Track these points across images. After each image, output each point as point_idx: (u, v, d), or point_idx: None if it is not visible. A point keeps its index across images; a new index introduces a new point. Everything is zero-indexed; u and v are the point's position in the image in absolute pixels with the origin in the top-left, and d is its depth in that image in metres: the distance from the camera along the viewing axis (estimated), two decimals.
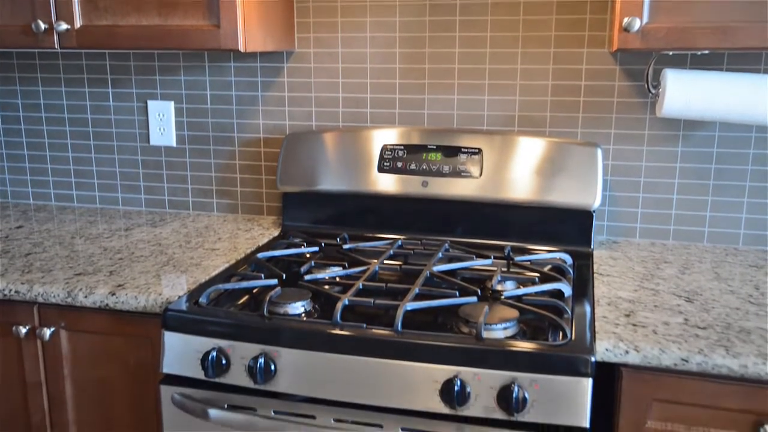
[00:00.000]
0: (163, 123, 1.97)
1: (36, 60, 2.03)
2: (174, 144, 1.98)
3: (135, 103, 1.99)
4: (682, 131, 1.65)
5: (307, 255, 1.60)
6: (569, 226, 1.61)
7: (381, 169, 1.70)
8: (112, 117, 2.01)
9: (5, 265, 1.50)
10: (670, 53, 1.60)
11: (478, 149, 1.66)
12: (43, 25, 1.59)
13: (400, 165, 1.70)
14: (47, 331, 1.39)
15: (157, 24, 1.55)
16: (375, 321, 1.24)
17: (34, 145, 2.10)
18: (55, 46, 1.61)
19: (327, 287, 1.38)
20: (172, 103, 1.95)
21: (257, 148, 1.92)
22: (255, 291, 1.41)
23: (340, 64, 1.82)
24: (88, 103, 2.02)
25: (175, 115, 1.96)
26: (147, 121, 1.99)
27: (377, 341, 1.13)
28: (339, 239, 1.71)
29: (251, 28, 1.55)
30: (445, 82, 1.76)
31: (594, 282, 1.42)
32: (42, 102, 2.06)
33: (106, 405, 1.42)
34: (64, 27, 1.58)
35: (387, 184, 1.70)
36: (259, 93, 1.89)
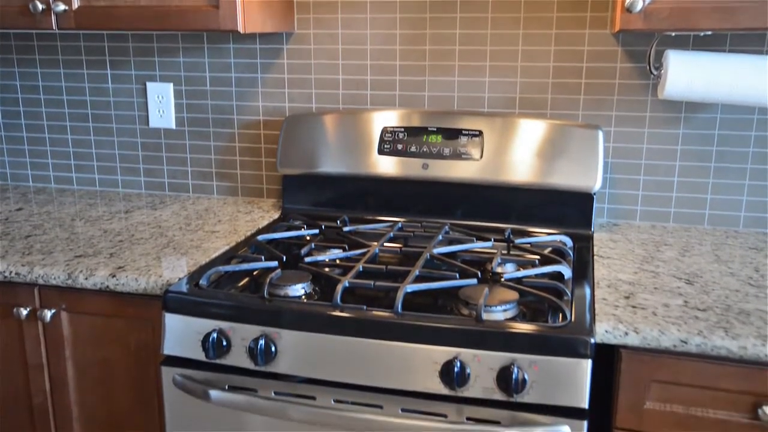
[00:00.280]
0: (162, 105, 1.96)
1: (34, 41, 2.02)
2: (173, 126, 1.97)
3: (134, 85, 1.98)
4: (684, 113, 1.65)
5: (308, 237, 1.60)
6: (570, 209, 1.61)
7: (381, 152, 1.70)
8: (111, 99, 2.00)
9: (5, 247, 1.50)
10: (673, 34, 1.59)
11: (479, 131, 1.65)
12: (40, 6, 1.57)
13: (400, 147, 1.69)
14: (48, 313, 1.39)
15: (156, 4, 1.53)
16: (375, 303, 1.24)
17: (33, 128, 2.09)
18: (53, 27, 1.60)
19: (327, 269, 1.38)
20: (171, 85, 1.94)
21: (257, 130, 1.92)
22: (255, 273, 1.42)
23: (340, 46, 1.80)
24: (86, 85, 2.01)
25: (175, 97, 1.96)
26: (146, 104, 1.98)
27: (377, 323, 1.14)
28: (339, 222, 1.71)
29: (250, 9, 1.54)
30: (445, 63, 1.75)
31: (594, 264, 1.42)
32: (40, 84, 2.05)
33: (108, 386, 1.43)
34: (62, 7, 1.57)
35: (387, 166, 1.69)
36: (259, 75, 1.88)
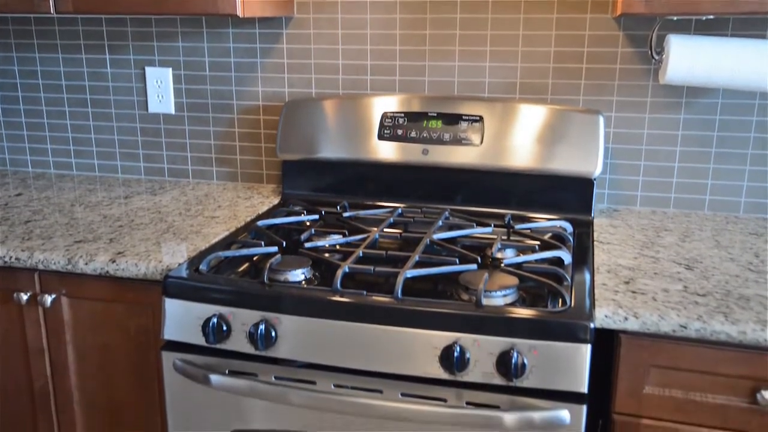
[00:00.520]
0: (161, 90, 1.95)
1: (32, 26, 2.00)
2: (173, 111, 1.97)
3: (132, 70, 1.97)
4: (685, 98, 1.64)
5: (307, 223, 1.60)
6: (570, 194, 1.61)
7: (381, 137, 1.69)
8: (110, 84, 1.99)
9: (5, 232, 1.50)
10: (675, 18, 1.58)
11: (479, 117, 1.64)
12: None
13: (400, 133, 1.69)
14: (48, 298, 1.39)
15: None
16: (375, 288, 1.24)
17: (32, 113, 2.08)
18: (51, 11, 1.58)
19: (327, 255, 1.38)
20: (170, 69, 1.93)
21: (256, 115, 1.91)
22: (255, 258, 1.42)
23: (339, 30, 1.79)
24: (85, 69, 2.00)
25: (174, 83, 1.95)
26: (145, 89, 1.97)
27: (377, 308, 1.14)
28: (339, 207, 1.70)
29: None
30: (446, 48, 1.74)
31: (594, 250, 1.42)
32: (39, 69, 2.03)
33: (108, 371, 1.43)
34: None
35: (387, 151, 1.69)
36: (258, 60, 1.87)
